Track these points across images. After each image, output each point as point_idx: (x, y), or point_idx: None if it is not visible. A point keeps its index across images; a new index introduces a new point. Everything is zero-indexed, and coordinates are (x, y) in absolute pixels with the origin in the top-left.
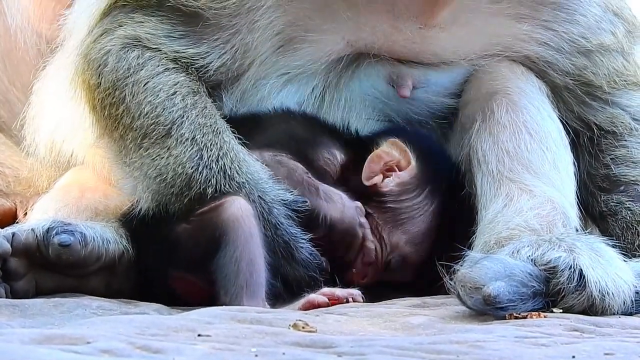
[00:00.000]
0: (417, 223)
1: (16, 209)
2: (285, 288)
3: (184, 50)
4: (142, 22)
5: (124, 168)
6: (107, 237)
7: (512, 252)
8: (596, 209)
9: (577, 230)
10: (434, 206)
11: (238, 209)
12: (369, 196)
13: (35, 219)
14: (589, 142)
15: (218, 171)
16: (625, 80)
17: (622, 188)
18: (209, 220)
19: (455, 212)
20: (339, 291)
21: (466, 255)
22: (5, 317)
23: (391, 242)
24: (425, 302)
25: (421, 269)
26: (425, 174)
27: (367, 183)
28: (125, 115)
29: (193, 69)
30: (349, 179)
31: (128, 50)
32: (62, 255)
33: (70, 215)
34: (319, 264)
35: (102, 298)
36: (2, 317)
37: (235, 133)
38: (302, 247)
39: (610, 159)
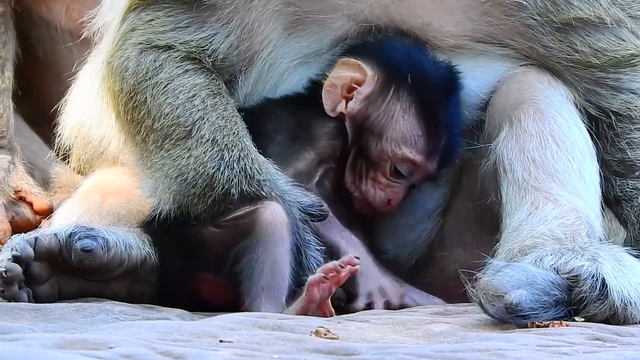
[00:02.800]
0: (397, 125)
1: (39, 220)
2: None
3: (191, 39)
4: (152, 20)
5: (145, 171)
6: (130, 242)
7: (535, 261)
8: (611, 193)
9: (601, 240)
10: (404, 101)
11: (272, 213)
12: (351, 136)
13: (58, 224)
14: (607, 128)
15: (239, 171)
16: (622, 57)
17: (637, 173)
18: (243, 226)
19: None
20: (331, 264)
21: (489, 263)
22: (28, 322)
23: (384, 156)
24: (447, 310)
25: (436, 157)
26: (385, 75)
27: (332, 114)
28: (147, 118)
29: (207, 59)
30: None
31: (145, 53)
32: (84, 260)
33: (92, 221)
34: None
35: (125, 303)
36: (25, 321)
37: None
38: (312, 256)
39: (626, 142)
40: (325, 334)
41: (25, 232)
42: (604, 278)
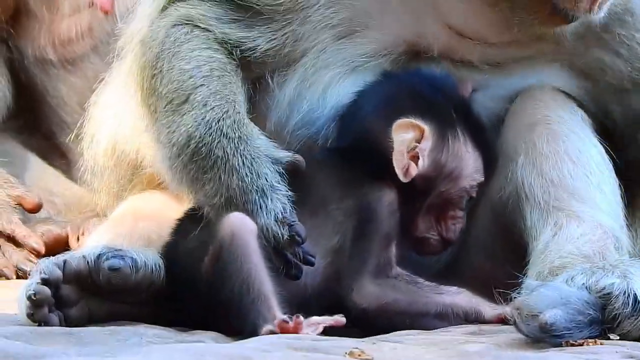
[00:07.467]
0: (466, 161)
1: (67, 236)
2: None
3: (233, 33)
4: (196, 5)
5: (152, 143)
6: (160, 263)
7: (567, 281)
8: None
9: (629, 253)
10: (461, 137)
11: (231, 227)
12: (422, 189)
13: (88, 247)
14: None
15: (215, 130)
16: None
17: None
18: (214, 242)
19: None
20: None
21: (522, 283)
22: (62, 346)
23: (462, 193)
24: (482, 330)
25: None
26: (436, 121)
27: (407, 179)
28: (159, 85)
29: (239, 51)
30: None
31: (179, 26)
32: (112, 280)
33: (123, 244)
34: (290, 223)
35: (158, 326)
36: (58, 345)
37: None
38: (277, 199)
39: None
40: (359, 355)
41: (56, 251)
42: (635, 294)
